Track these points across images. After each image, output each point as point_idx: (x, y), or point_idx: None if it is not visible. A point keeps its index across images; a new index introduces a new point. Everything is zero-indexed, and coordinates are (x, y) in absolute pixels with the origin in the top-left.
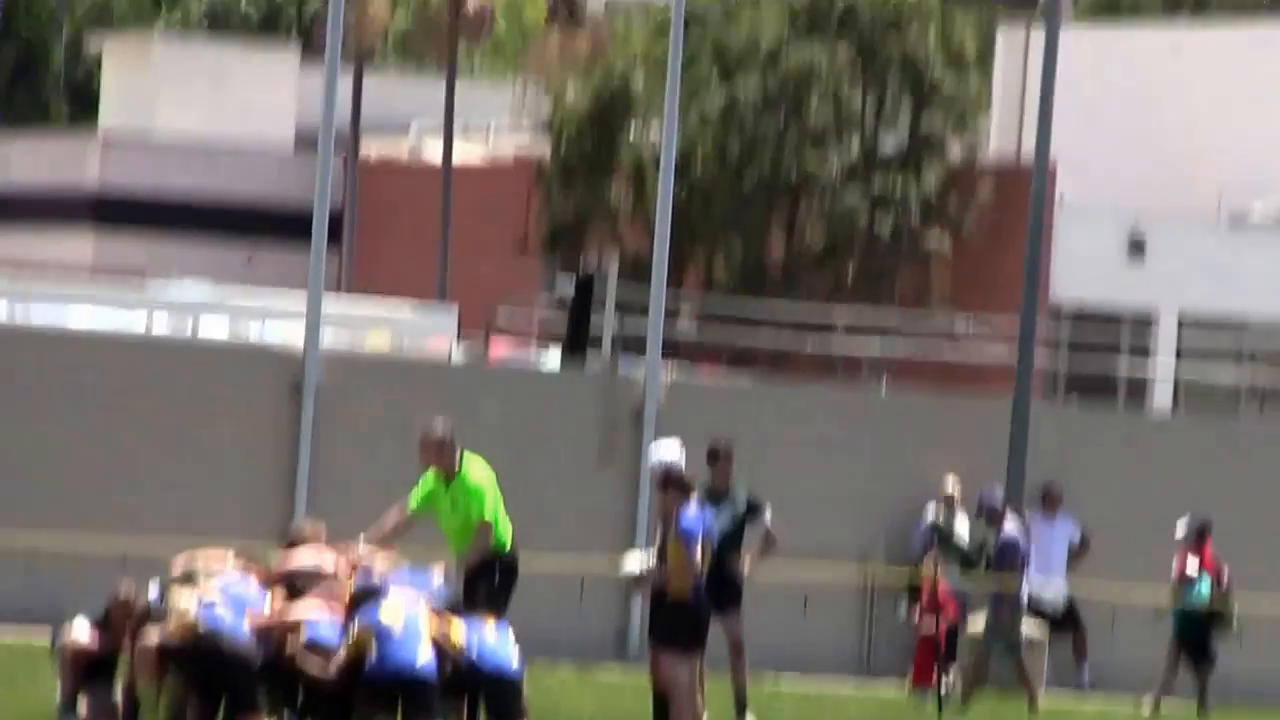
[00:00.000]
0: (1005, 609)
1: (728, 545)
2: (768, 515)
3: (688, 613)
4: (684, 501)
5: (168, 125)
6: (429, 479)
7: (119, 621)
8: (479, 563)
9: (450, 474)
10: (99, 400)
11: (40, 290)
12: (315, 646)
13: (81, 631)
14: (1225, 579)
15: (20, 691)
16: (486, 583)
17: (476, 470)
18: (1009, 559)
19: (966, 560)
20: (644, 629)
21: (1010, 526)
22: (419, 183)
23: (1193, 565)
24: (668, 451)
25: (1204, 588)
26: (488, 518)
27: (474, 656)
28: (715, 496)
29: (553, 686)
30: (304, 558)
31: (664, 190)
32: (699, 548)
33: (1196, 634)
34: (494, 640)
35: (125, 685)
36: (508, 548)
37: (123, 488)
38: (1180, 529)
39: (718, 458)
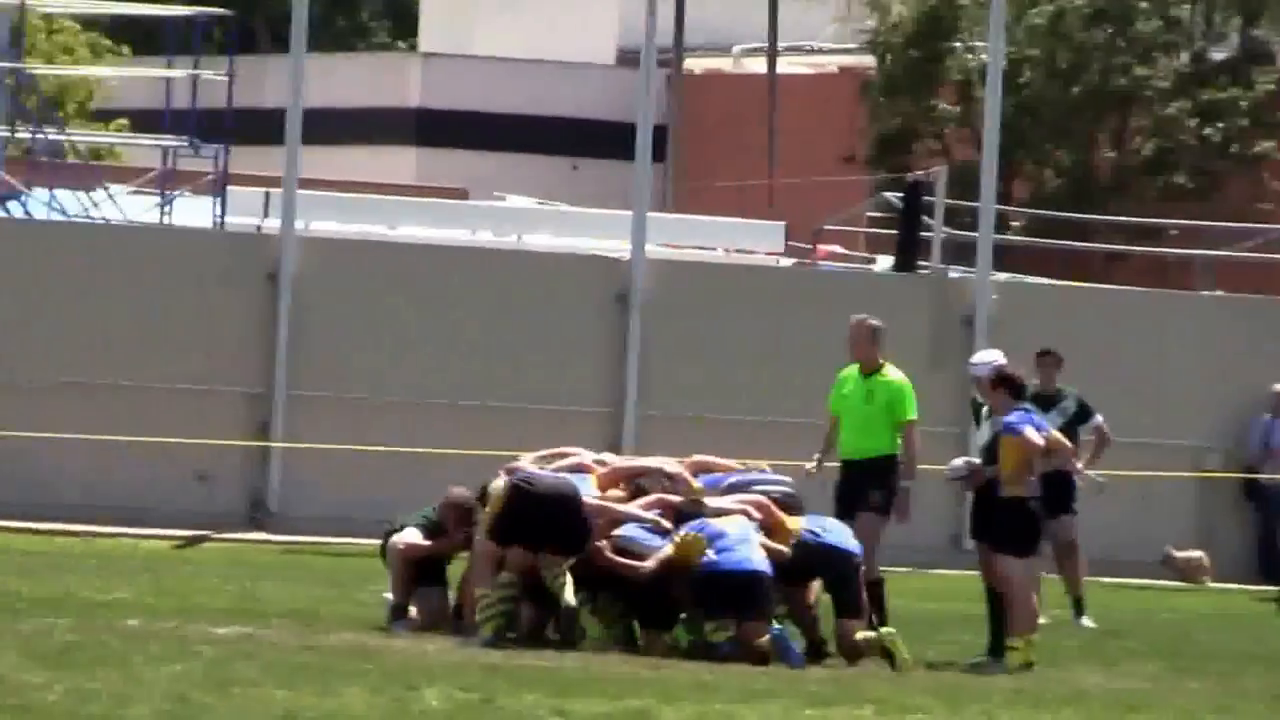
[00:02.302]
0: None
1: None
2: (1099, 418)
3: (1021, 512)
4: (1014, 402)
5: (486, 46)
6: (846, 373)
7: (451, 523)
8: (884, 465)
9: (872, 365)
10: (435, 304)
11: (367, 205)
12: (624, 548)
13: (413, 535)
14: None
15: (349, 595)
16: (882, 485)
17: (898, 371)
18: None
19: None
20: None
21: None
22: (744, 96)
23: None
24: (988, 360)
25: None
26: (912, 416)
27: (817, 537)
28: (1044, 401)
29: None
30: (647, 460)
31: (993, 82)
32: (1035, 435)
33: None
34: (835, 529)
35: (460, 586)
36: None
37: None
38: None
39: (1046, 362)
